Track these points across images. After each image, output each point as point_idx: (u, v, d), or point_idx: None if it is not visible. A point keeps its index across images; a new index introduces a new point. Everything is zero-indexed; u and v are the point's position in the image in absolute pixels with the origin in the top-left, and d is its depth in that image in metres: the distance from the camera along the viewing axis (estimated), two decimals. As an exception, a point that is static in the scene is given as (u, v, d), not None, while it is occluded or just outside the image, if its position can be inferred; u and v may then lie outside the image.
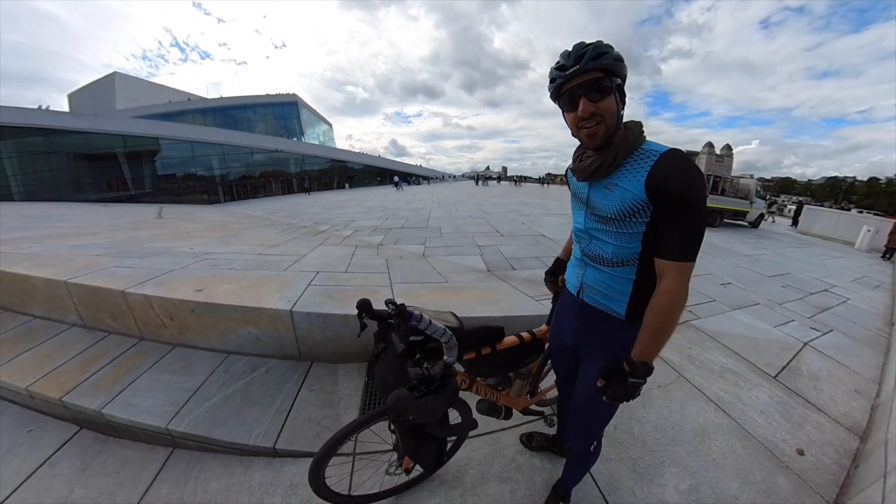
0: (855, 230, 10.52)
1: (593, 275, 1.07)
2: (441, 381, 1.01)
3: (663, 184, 0.87)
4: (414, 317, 0.98)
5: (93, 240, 4.87)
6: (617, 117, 0.92)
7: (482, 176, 46.16)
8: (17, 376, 2.15)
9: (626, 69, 0.90)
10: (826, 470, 1.76)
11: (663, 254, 0.90)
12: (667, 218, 0.89)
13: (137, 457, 1.79)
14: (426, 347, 1.07)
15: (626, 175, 0.92)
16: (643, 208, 0.90)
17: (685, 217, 0.87)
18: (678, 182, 0.86)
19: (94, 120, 22.56)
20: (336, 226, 7.84)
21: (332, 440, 1.16)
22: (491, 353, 1.31)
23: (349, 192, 25.65)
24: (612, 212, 0.95)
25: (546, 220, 8.74)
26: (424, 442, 1.05)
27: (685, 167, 0.87)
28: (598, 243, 1.04)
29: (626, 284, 1.01)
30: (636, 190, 0.90)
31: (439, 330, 1.00)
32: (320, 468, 1.19)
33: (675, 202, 0.87)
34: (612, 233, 0.98)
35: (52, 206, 13.98)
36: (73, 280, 2.66)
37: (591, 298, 1.10)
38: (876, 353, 3.09)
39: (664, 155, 0.89)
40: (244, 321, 2.36)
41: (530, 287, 3.37)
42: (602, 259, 1.03)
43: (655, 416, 2.03)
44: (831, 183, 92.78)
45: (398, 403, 0.89)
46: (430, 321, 0.99)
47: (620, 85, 0.91)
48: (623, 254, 0.98)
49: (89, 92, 39.04)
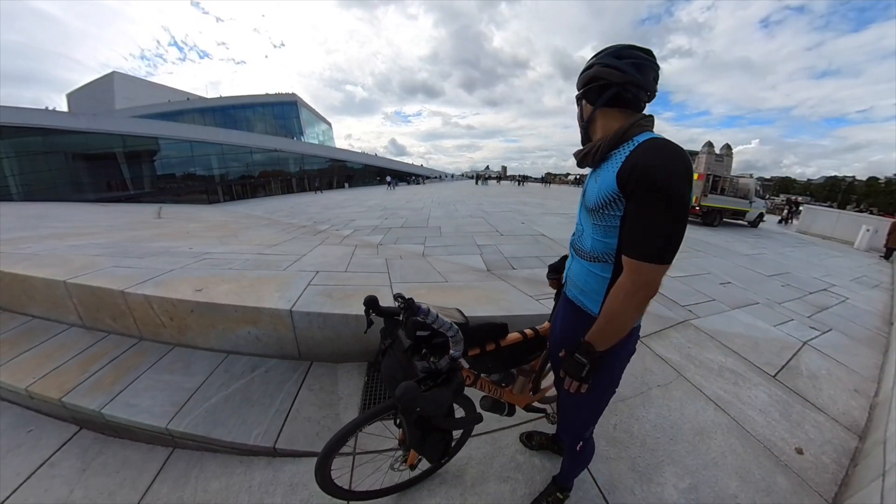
0: (854, 230, 10.54)
1: (576, 268, 1.09)
2: (447, 375, 1.03)
3: (633, 171, 0.82)
4: (422, 311, 1.00)
5: (92, 240, 4.86)
6: (584, 119, 1.05)
7: (482, 175, 46.10)
8: (16, 376, 2.14)
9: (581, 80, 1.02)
10: (825, 469, 1.77)
11: (623, 248, 0.88)
12: (633, 208, 0.84)
13: (137, 457, 1.79)
14: (433, 343, 1.09)
15: (608, 165, 0.93)
16: (615, 200, 0.88)
17: (653, 209, 0.81)
18: (650, 168, 0.80)
19: (93, 120, 22.53)
20: (336, 225, 7.84)
21: (341, 433, 1.17)
22: (495, 349, 1.32)
23: (349, 192, 25.66)
24: (592, 202, 0.96)
25: (545, 219, 8.74)
26: (430, 434, 1.07)
27: (663, 154, 0.81)
28: (583, 235, 1.06)
29: (601, 283, 1.00)
30: (609, 180, 0.89)
31: (445, 324, 1.02)
32: (327, 461, 1.20)
33: (644, 191, 0.81)
34: (592, 224, 0.99)
35: (50, 206, 13.97)
36: (73, 280, 2.65)
37: (571, 293, 1.12)
38: (875, 353, 3.09)
39: (641, 143, 0.86)
40: (244, 321, 2.36)
41: (530, 286, 3.37)
42: (583, 252, 1.05)
43: (655, 416, 2.04)
44: (831, 182, 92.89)
45: (406, 394, 0.90)
46: (437, 315, 1.01)
47: (582, 95, 1.04)
48: (599, 248, 0.98)
49: (88, 91, 39.00)
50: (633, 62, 0.92)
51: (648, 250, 0.82)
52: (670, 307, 3.49)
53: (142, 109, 30.47)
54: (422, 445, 1.08)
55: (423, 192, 20.46)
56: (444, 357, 1.05)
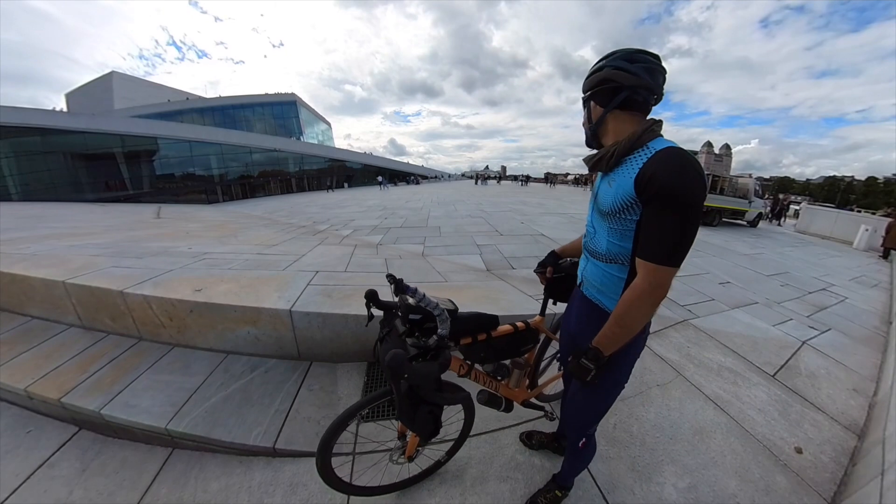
0: (853, 229, 10.56)
1: (591, 269, 1.13)
2: (435, 352, 1.12)
3: (652, 180, 0.86)
4: (409, 289, 1.09)
5: (91, 240, 4.85)
6: (593, 121, 1.05)
7: (481, 175, 46.05)
8: (15, 377, 2.14)
9: (590, 81, 1.02)
10: (824, 468, 1.77)
11: (638, 251, 0.92)
12: (649, 214, 0.89)
13: (137, 457, 1.79)
14: (424, 326, 1.18)
15: (624, 170, 0.95)
16: (632, 205, 0.92)
17: (668, 215, 0.85)
18: (668, 178, 0.84)
19: (92, 119, 22.51)
20: (335, 225, 7.84)
21: (341, 417, 1.25)
22: (486, 339, 1.37)
23: (348, 192, 25.67)
24: (608, 206, 0.98)
25: (545, 219, 8.74)
26: (419, 407, 1.15)
27: (679, 164, 0.85)
28: (597, 238, 1.08)
29: (617, 283, 1.04)
30: (627, 186, 0.92)
31: (432, 303, 1.11)
32: (329, 445, 1.25)
33: (660, 199, 0.85)
34: (607, 228, 1.01)
35: (49, 206, 13.94)
36: (72, 280, 2.65)
37: (588, 292, 1.16)
38: (874, 352, 3.10)
39: (659, 151, 0.89)
40: (243, 321, 2.36)
41: (529, 286, 3.38)
42: (597, 254, 1.08)
43: (654, 415, 2.04)
44: (830, 182, 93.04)
45: (393, 360, 0.97)
46: (423, 294, 1.10)
47: (590, 97, 1.04)
48: (614, 250, 1.01)
49: (87, 91, 38.91)
50: (645, 66, 0.95)
51: (664, 254, 0.87)
52: (670, 306, 3.50)
53: (141, 109, 30.44)
54: (412, 419, 1.16)
55: (423, 192, 20.46)
56: (433, 336, 1.13)
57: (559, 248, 1.57)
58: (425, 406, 1.16)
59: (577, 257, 1.50)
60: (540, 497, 1.48)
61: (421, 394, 1.13)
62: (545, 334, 1.72)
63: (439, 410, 1.21)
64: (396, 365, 0.98)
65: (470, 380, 1.43)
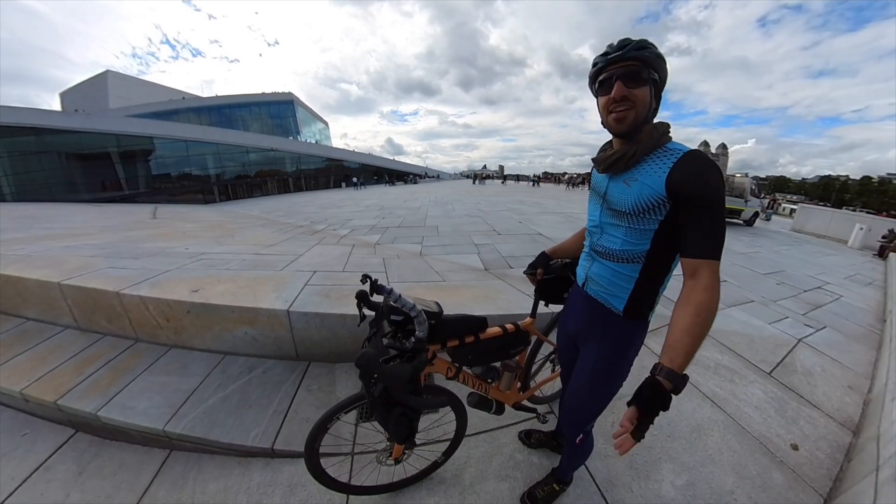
0: (848, 228, 10.64)
1: (598, 269, 1.11)
2: (411, 354, 1.10)
3: (687, 185, 0.87)
4: (385, 290, 1.09)
5: (86, 241, 4.82)
6: (648, 109, 0.94)
7: (479, 175, 45.91)
8: (11, 379, 2.12)
9: (666, 70, 0.93)
10: (820, 464, 1.79)
11: (697, 253, 0.89)
12: (692, 219, 0.89)
13: (134, 459, 1.78)
14: (406, 328, 1.18)
15: (647, 171, 0.94)
16: (660, 205, 0.91)
17: (711, 217, 0.88)
18: (701, 184, 0.87)
19: (87, 119, 22.31)
20: (333, 225, 7.82)
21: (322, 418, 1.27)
22: (474, 341, 1.34)
23: (345, 191, 25.58)
24: (628, 206, 0.97)
25: (543, 218, 8.75)
26: (393, 409, 1.14)
27: (708, 168, 0.88)
28: (609, 238, 1.06)
29: (628, 281, 1.03)
30: (656, 186, 0.91)
31: (408, 304, 1.09)
32: (312, 448, 1.28)
33: (698, 203, 0.87)
34: (624, 228, 1.00)
35: (44, 206, 13.82)
36: (67, 281, 2.63)
37: (593, 291, 1.15)
38: (868, 349, 3.13)
39: (687, 155, 0.90)
40: (241, 321, 2.35)
41: (528, 285, 3.38)
42: (609, 254, 1.06)
43: (652, 413, 2.05)
44: (825, 182, 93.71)
45: (361, 359, 0.97)
46: (399, 295, 1.09)
47: (657, 81, 0.93)
48: (630, 250, 1.00)
49: (81, 91, 38.58)
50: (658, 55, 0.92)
51: (716, 250, 0.89)
52: (666, 305, 3.51)
53: (136, 108, 30.19)
54: (385, 420, 1.14)
55: (421, 192, 20.43)
56: (411, 338, 1.12)
57: (550, 249, 1.55)
58: (398, 408, 1.14)
59: (569, 258, 1.49)
60: (538, 489, 1.49)
61: (394, 396, 1.12)
62: (536, 336, 1.70)
63: (414, 414, 1.18)
64: (364, 364, 0.97)
65: (459, 382, 1.42)
